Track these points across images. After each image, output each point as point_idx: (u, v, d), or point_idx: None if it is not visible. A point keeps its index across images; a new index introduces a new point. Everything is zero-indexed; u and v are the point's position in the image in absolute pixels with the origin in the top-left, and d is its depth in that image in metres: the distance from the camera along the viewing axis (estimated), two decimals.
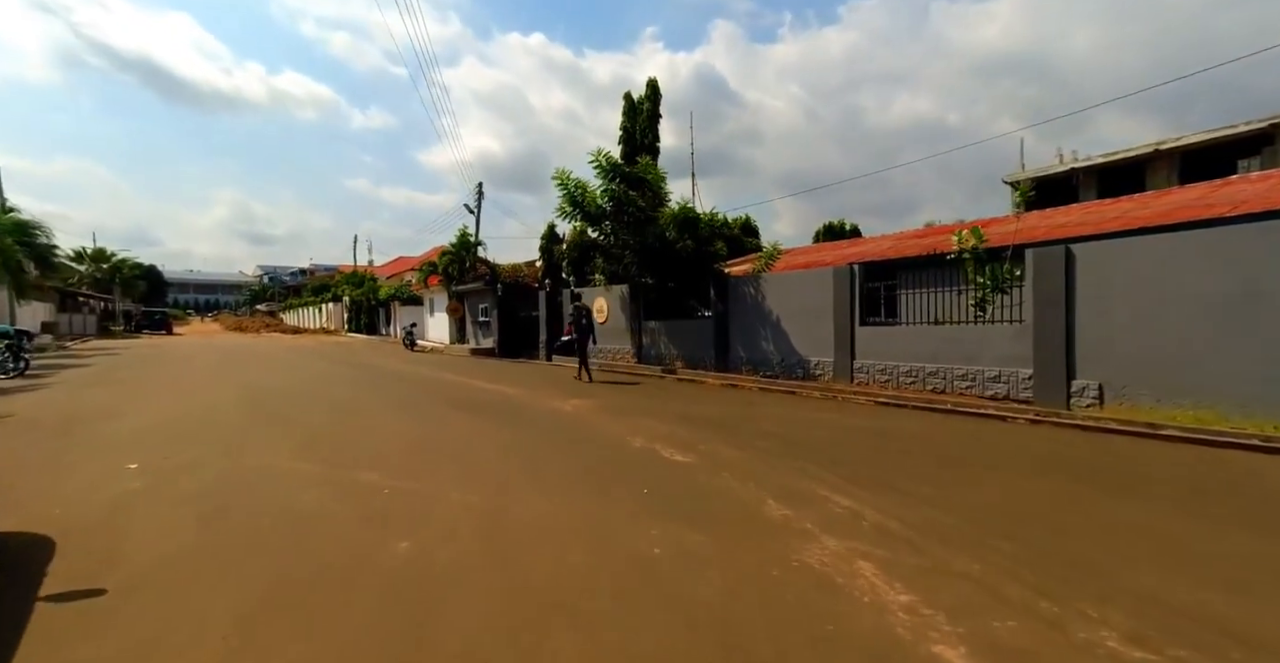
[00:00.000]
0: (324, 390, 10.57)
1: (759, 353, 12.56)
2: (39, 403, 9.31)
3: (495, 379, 12.66)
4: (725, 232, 14.95)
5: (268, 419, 7.48)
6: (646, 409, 8.32)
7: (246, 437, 6.33)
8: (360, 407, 8.60)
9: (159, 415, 7.84)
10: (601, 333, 17.19)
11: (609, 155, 13.60)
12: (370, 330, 38.61)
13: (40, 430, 6.96)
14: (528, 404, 8.90)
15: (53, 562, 2.99)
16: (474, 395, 9.99)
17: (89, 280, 46.05)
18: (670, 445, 5.74)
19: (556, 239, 26.72)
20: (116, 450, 5.74)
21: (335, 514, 3.74)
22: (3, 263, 19.88)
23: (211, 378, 12.70)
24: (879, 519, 3.52)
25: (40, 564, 2.97)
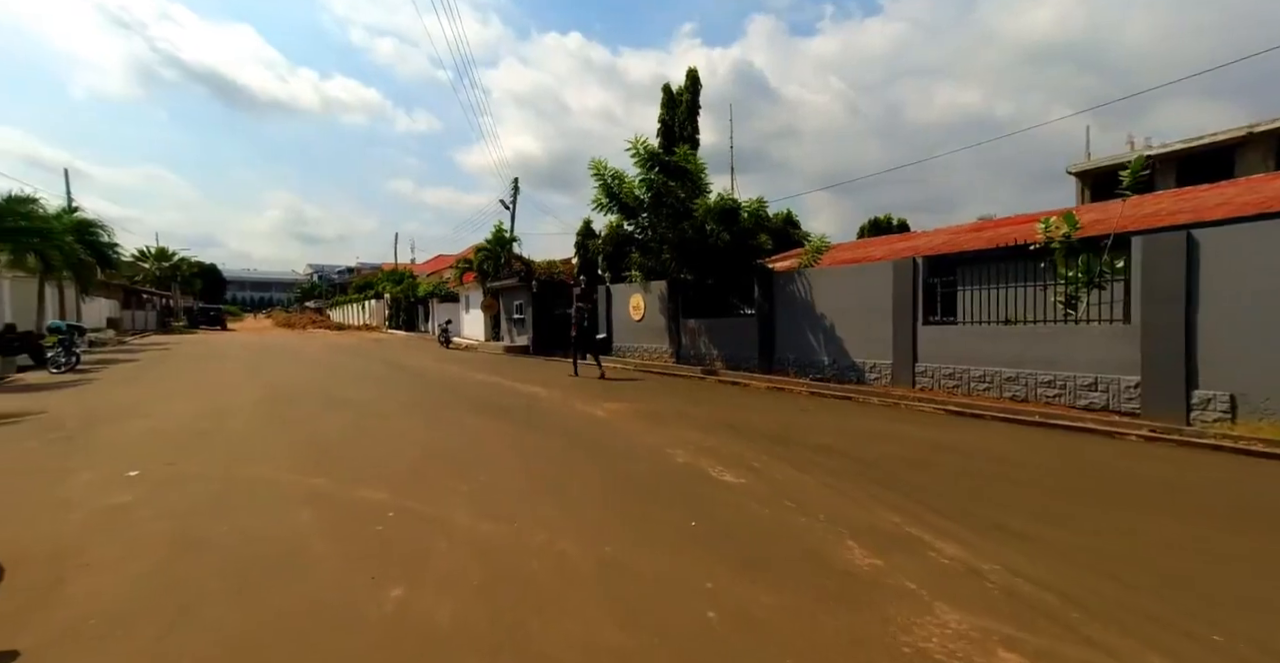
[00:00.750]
0: (348, 391, 10.24)
1: (807, 354, 11.62)
2: (72, 400, 9.27)
3: (526, 379, 12.14)
4: (769, 224, 14.01)
5: (282, 423, 7.08)
6: (688, 416, 7.57)
7: (256, 443, 5.92)
8: (381, 410, 8.16)
9: (178, 417, 7.57)
10: (638, 331, 16.53)
11: (647, 143, 12.88)
12: (409, 327, 39.09)
13: (60, 431, 6.74)
14: (558, 408, 8.29)
15: None
16: (502, 397, 9.46)
17: (151, 278, 48.41)
18: (718, 461, 4.99)
19: (592, 235, 26.23)
20: (123, 455, 5.39)
21: (324, 546, 3.15)
22: (64, 260, 20.68)
23: (243, 376, 12.62)
24: (1005, 579, 2.69)
25: None
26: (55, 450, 5.70)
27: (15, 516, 3.73)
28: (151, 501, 3.98)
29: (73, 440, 6.18)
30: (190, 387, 10.72)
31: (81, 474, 4.70)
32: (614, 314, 17.82)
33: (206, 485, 4.34)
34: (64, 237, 20.44)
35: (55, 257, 19.37)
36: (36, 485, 4.44)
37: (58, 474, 4.73)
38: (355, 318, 52.92)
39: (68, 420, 7.40)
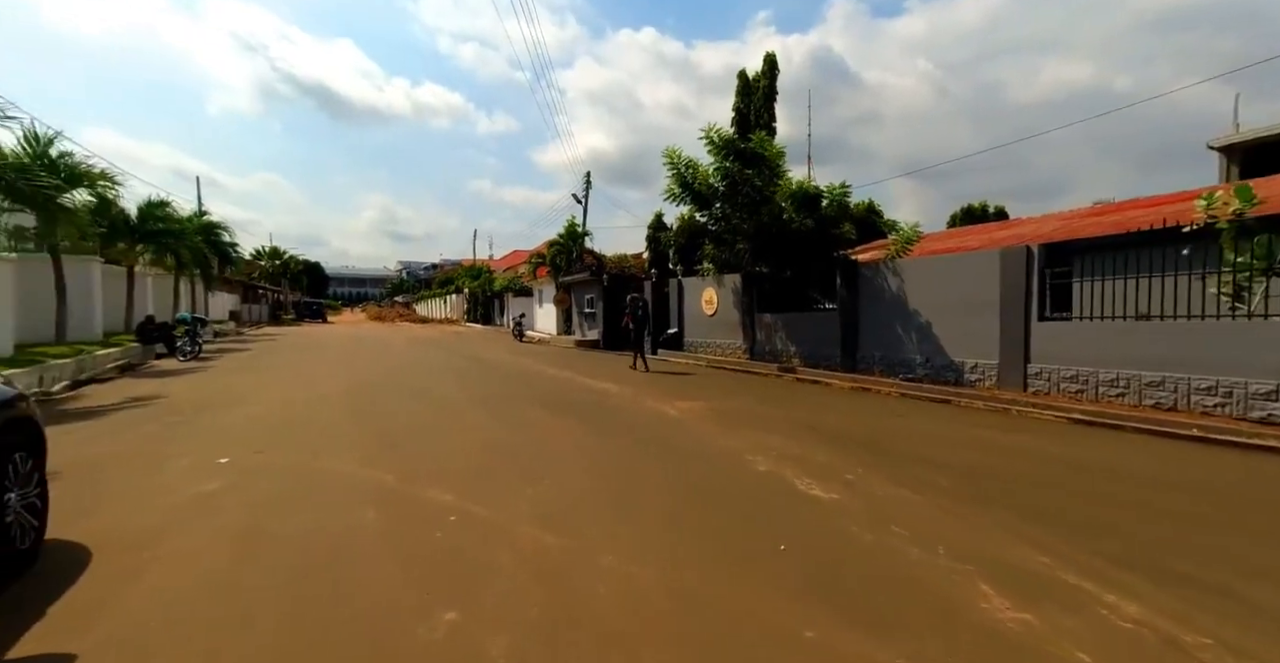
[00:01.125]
0: (425, 383, 10.49)
1: (897, 352, 10.64)
2: (190, 386, 10.11)
3: (596, 374, 11.99)
4: (852, 212, 12.97)
5: (361, 415, 7.25)
6: (767, 418, 7.03)
7: (335, 433, 6.04)
8: (455, 403, 8.22)
9: (273, 404, 7.98)
10: (710, 326, 16.00)
11: (721, 130, 12.27)
12: (486, 321, 40.59)
13: (176, 415, 7.27)
14: (629, 405, 8.00)
15: (63, 596, 2.49)
16: (572, 393, 9.31)
17: (265, 275, 53.50)
18: (804, 472, 4.46)
19: (663, 228, 25.88)
20: (221, 441, 5.66)
21: (383, 553, 2.99)
22: (193, 258, 23.07)
23: (334, 366, 13.36)
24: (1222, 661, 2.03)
25: (51, 595, 2.49)
26: (168, 435, 6.09)
27: (120, 498, 3.90)
28: (234, 490, 4.04)
29: (183, 425, 6.62)
30: (289, 376, 11.44)
31: (183, 459, 4.93)
32: (685, 308, 17.37)
33: (285, 477, 4.38)
34: (193, 237, 22.77)
35: (186, 254, 21.59)
36: (146, 468, 4.68)
37: (165, 458, 4.99)
38: (438, 312, 55.81)
39: (184, 406, 8.00)
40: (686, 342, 17.09)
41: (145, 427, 6.56)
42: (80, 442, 5.85)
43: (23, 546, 2.78)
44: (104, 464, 4.88)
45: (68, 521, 3.39)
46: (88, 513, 3.57)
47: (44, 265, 13.59)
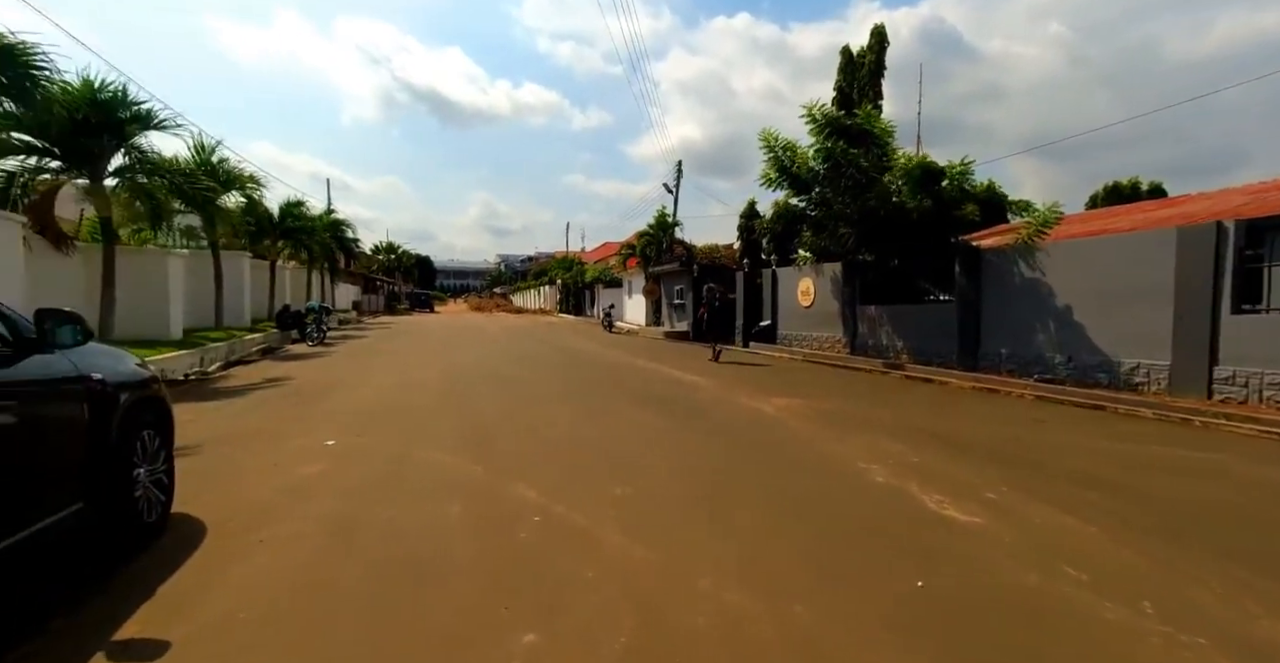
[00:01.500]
0: (518, 372, 10.67)
1: (1030, 348, 9.29)
2: (312, 370, 11.05)
3: (686, 367, 11.64)
4: (975, 192, 11.48)
5: (456, 402, 7.42)
6: (876, 420, 6.31)
7: (430, 420, 6.18)
8: (543, 394, 8.22)
9: (378, 389, 8.44)
10: (806, 319, 15.06)
11: (824, 107, 11.33)
12: (577, 311, 41.60)
13: (297, 396, 7.90)
14: (721, 402, 7.57)
15: (172, 576, 2.57)
16: (662, 387, 9.03)
17: (382, 268, 58.64)
18: (933, 486, 3.83)
19: (756, 216, 24.95)
20: (331, 423, 5.99)
21: (465, 553, 2.85)
22: (322, 252, 25.61)
23: (435, 354, 14.08)
24: None
25: (164, 574, 2.58)
26: (289, 414, 6.58)
27: (238, 476, 4.14)
28: (334, 474, 4.16)
29: (302, 406, 7.14)
30: (395, 362, 12.19)
31: (297, 440, 5.23)
32: (780, 300, 16.51)
33: (380, 463, 4.46)
34: (322, 233, 25.25)
35: (316, 249, 23.95)
36: (266, 447, 5.01)
37: (283, 438, 5.33)
38: (532, 302, 58.16)
39: (305, 388, 8.70)
40: (780, 335, 16.26)
41: (272, 406, 7.15)
42: (223, 418, 6.46)
43: (150, 519, 2.94)
44: (236, 440, 5.29)
45: (195, 494, 3.62)
46: (213, 489, 3.79)
47: (203, 260, 15.55)
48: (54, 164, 9.41)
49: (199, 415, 6.61)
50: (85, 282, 10.37)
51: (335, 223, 29.92)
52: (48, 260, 10.16)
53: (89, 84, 9.30)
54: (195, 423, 6.11)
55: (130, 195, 10.52)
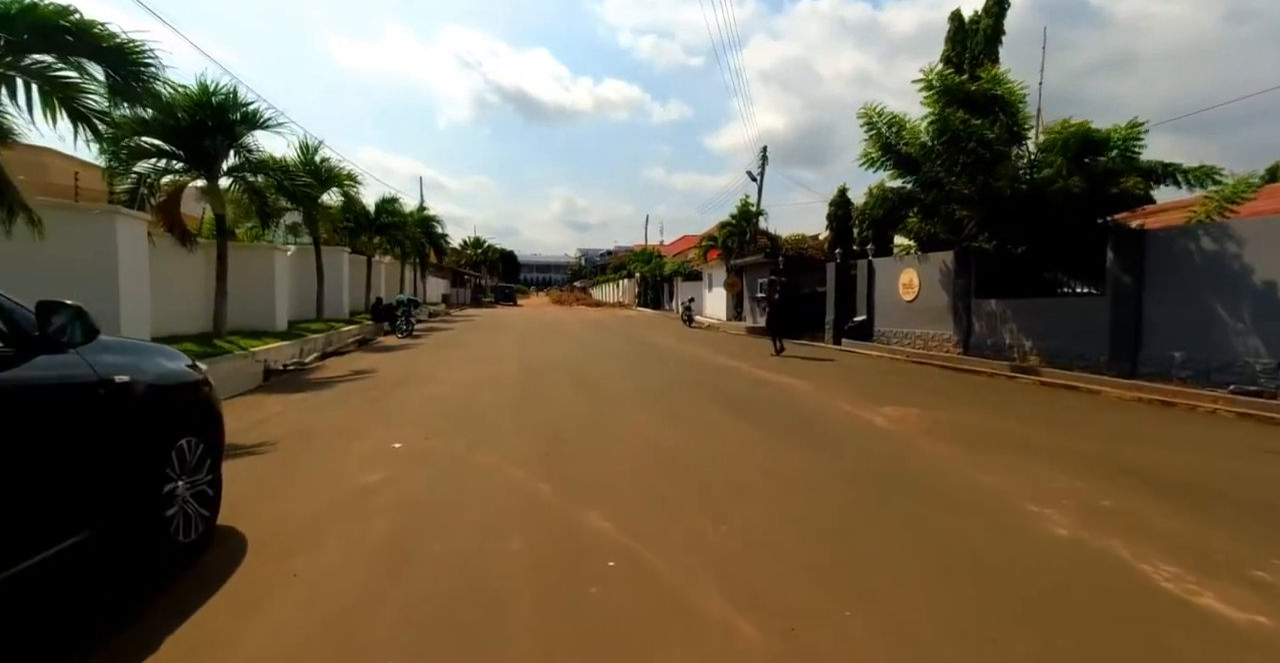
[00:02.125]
0: (593, 370, 10.22)
1: (1217, 352, 7.53)
2: (396, 362, 11.23)
3: (775, 367, 10.68)
4: (1138, 163, 9.46)
5: (527, 402, 7.02)
6: (1026, 440, 5.14)
7: (501, 421, 5.79)
8: (621, 395, 7.66)
9: (455, 385, 8.26)
10: (909, 314, 13.51)
11: (943, 71, 9.87)
12: (655, 305, 41.16)
13: (377, 390, 7.89)
14: (822, 409, 6.63)
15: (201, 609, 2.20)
16: (750, 388, 8.19)
17: (469, 262, 61.36)
18: (1153, 551, 2.77)
19: (847, 205, 23.23)
20: (401, 422, 5.76)
21: (523, 607, 2.28)
22: (413, 246, 26.84)
23: (513, 347, 14.00)
24: None
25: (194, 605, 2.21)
26: (365, 410, 6.48)
27: (299, 482, 3.88)
28: (393, 485, 3.79)
29: (379, 401, 7.06)
30: (474, 355, 12.19)
31: (366, 440, 5.00)
32: (876, 293, 14.99)
33: (441, 474, 4.06)
34: (413, 229, 26.43)
35: (408, 244, 25.08)
36: (333, 448, 4.80)
37: (353, 437, 5.12)
38: (611, 296, 58.49)
39: (385, 381, 8.73)
40: (877, 331, 14.77)
41: (352, 401, 7.11)
42: (306, 411, 6.46)
43: (187, 538, 2.63)
44: (311, 437, 5.15)
45: (251, 502, 3.35)
46: (270, 497, 3.53)
47: (307, 255, 16.52)
48: (177, 165, 10.08)
49: (286, 408, 6.66)
50: (205, 276, 11.12)
51: (426, 219, 31.28)
52: (174, 257, 10.99)
53: (204, 87, 9.85)
54: (280, 417, 6.11)
55: (242, 193, 11.17)
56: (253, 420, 5.91)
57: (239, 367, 9.44)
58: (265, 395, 7.79)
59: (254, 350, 10.07)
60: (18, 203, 6.33)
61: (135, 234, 8.22)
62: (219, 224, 10.73)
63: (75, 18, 6.04)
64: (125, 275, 7.86)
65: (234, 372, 9.25)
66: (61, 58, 6.35)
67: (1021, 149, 10.13)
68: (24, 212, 6.36)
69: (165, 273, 10.81)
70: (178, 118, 9.68)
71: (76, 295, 2.16)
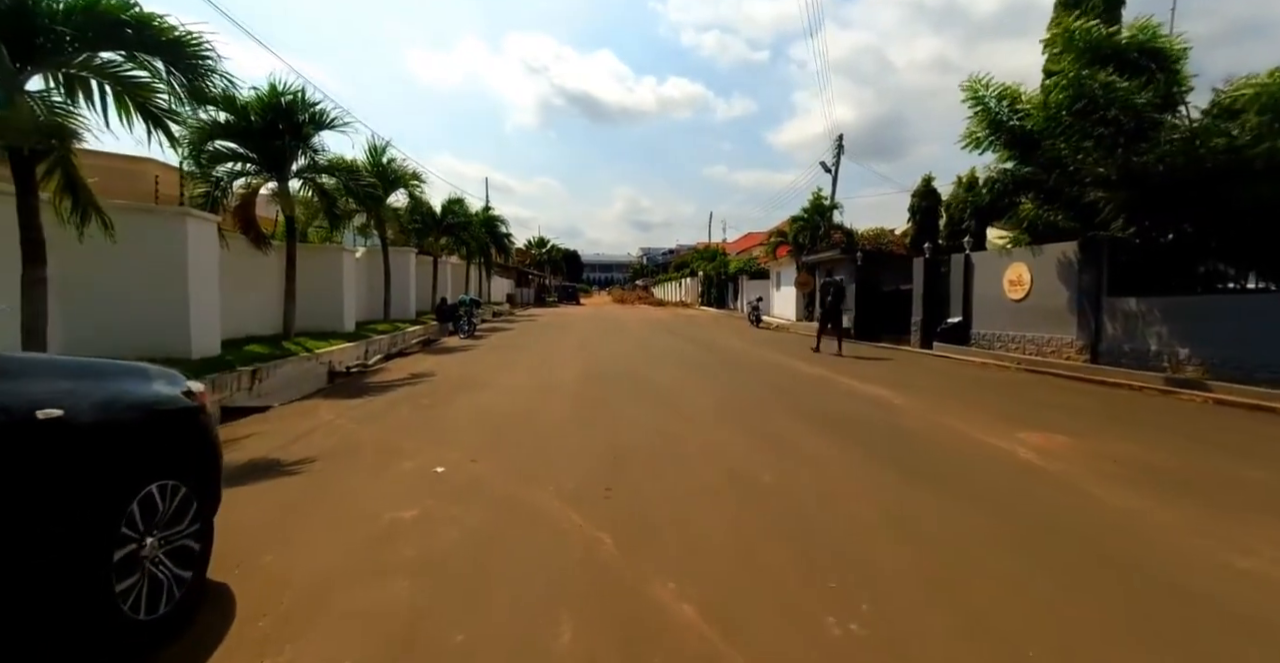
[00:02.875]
0: (659, 376, 9.40)
1: None
2: (455, 365, 10.89)
3: (865, 375, 9.45)
4: None
5: (589, 415, 6.29)
6: (1263, 489, 3.83)
7: (557, 441, 5.07)
8: (692, 408, 6.79)
9: (512, 392, 7.68)
10: (1017, 315, 11.78)
11: (1086, 23, 8.28)
12: (719, 304, 39.91)
13: (431, 398, 7.43)
14: (941, 434, 5.48)
15: None
16: (843, 402, 7.10)
17: (533, 262, 62.31)
18: None
19: (932, 196, 21.29)
20: (450, 438, 5.18)
21: None
22: (477, 246, 27.13)
23: (573, 350, 13.43)
24: None
25: None
26: (414, 422, 5.99)
27: (320, 522, 3.30)
28: (424, 528, 3.13)
29: (431, 410, 6.57)
30: (533, 359, 11.69)
31: (406, 462, 4.42)
32: (975, 292, 13.28)
33: (485, 514, 3.35)
34: (478, 229, 26.68)
35: (472, 244, 25.31)
36: (372, 471, 4.26)
37: (396, 456, 4.57)
38: (673, 295, 57.62)
39: (441, 387, 8.31)
40: (974, 334, 13.08)
41: (402, 410, 6.66)
42: (354, 421, 6.04)
43: (151, 615, 2.04)
44: (352, 455, 4.66)
45: (258, 552, 2.78)
46: (281, 545, 2.93)
47: (375, 256, 16.76)
48: (250, 167, 10.20)
49: (337, 416, 6.29)
50: (279, 278, 11.25)
51: (490, 218, 31.64)
52: (249, 259, 11.19)
53: (274, 88, 9.86)
54: (328, 427, 5.71)
55: (311, 194, 11.23)
56: (300, 431, 5.54)
57: (305, 369, 9.36)
58: (322, 400, 7.53)
59: (319, 352, 10.02)
60: (91, 205, 6.31)
61: (206, 236, 8.24)
62: (289, 226, 10.80)
63: (135, 11, 5.90)
64: (195, 277, 7.85)
65: (299, 374, 9.17)
66: (129, 56, 6.26)
67: (1178, 117, 8.38)
68: (97, 214, 6.35)
69: (240, 275, 11.02)
70: (250, 120, 9.76)
71: (145, 298, 1.55)
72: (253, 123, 9.81)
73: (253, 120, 9.80)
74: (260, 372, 8.10)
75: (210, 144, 9.81)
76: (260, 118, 9.82)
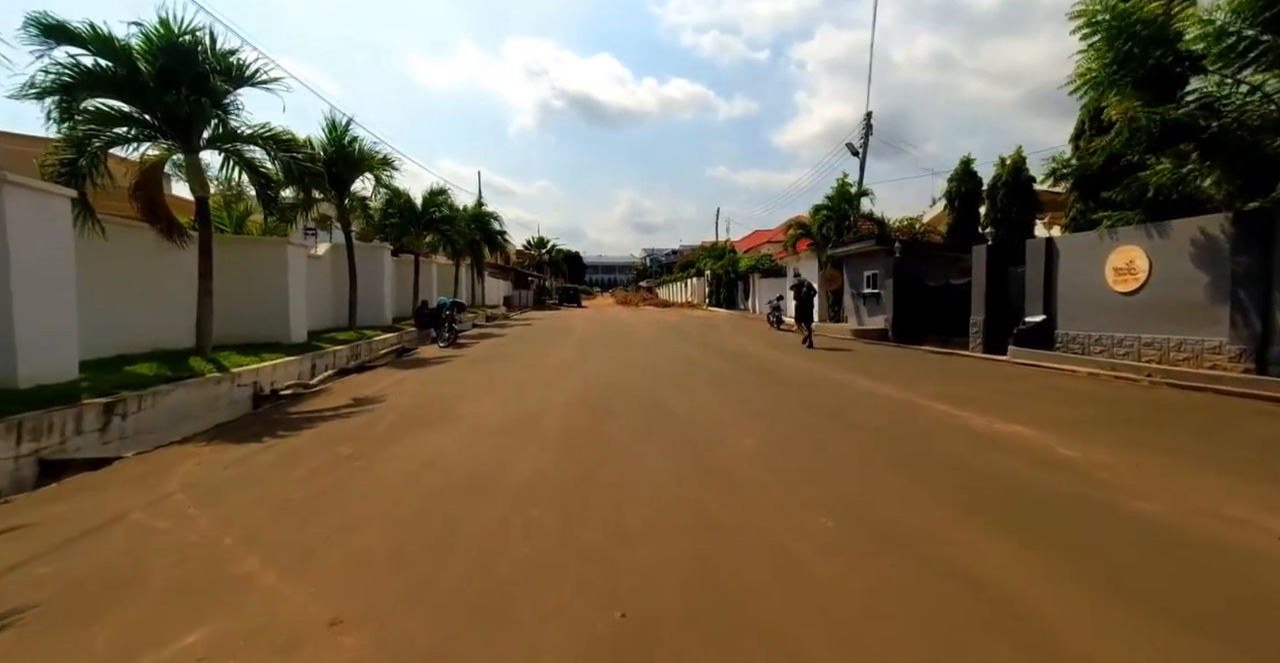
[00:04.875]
0: (678, 400, 7.00)
1: None
2: (417, 384, 8.50)
3: (961, 398, 6.98)
4: None
5: (583, 469, 3.96)
6: None
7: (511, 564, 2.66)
8: (732, 450, 4.42)
9: (468, 433, 5.29)
10: (1127, 311, 9.27)
11: None
12: (729, 304, 37.46)
13: (356, 442, 5.06)
14: (1095, 486, 3.11)
15: None
16: (935, 434, 4.71)
17: (533, 263, 59.96)
18: None
19: (971, 179, 18.98)
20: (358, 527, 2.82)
21: None
22: (467, 245, 24.74)
23: (568, 363, 11.00)
24: None
25: None
26: (319, 490, 3.63)
27: None
28: None
29: (341, 469, 4.19)
30: (520, 374, 9.28)
31: (258, 605, 2.03)
32: (1062, 284, 10.83)
33: None
34: (465, 224, 24.23)
35: (459, 241, 22.88)
36: None
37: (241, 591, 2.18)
38: (678, 295, 55.19)
39: (381, 421, 5.95)
40: (1061, 336, 10.63)
41: (302, 468, 4.29)
42: (202, 498, 3.63)
43: None
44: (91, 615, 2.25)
45: None
46: None
47: (341, 253, 14.40)
48: (140, 132, 7.81)
49: (186, 486, 3.90)
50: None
51: (482, 214, 29.26)
52: (160, 256, 8.85)
53: (167, 25, 7.49)
54: (135, 522, 3.29)
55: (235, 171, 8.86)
56: (75, 531, 3.14)
57: (210, 395, 6.97)
58: (203, 446, 5.21)
59: (238, 371, 7.65)
60: None
61: (40, 216, 5.77)
62: (199, 209, 8.44)
63: None
64: (21, 275, 5.48)
65: (201, 402, 6.77)
66: None
67: None
68: None
69: (143, 274, 8.69)
70: (136, 68, 7.40)
71: None
72: (142, 73, 7.45)
73: (142, 70, 7.45)
74: (124, 404, 5.72)
75: (89, 102, 7.47)
76: (150, 65, 7.47)
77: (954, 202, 18.82)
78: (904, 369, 9.75)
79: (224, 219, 11.07)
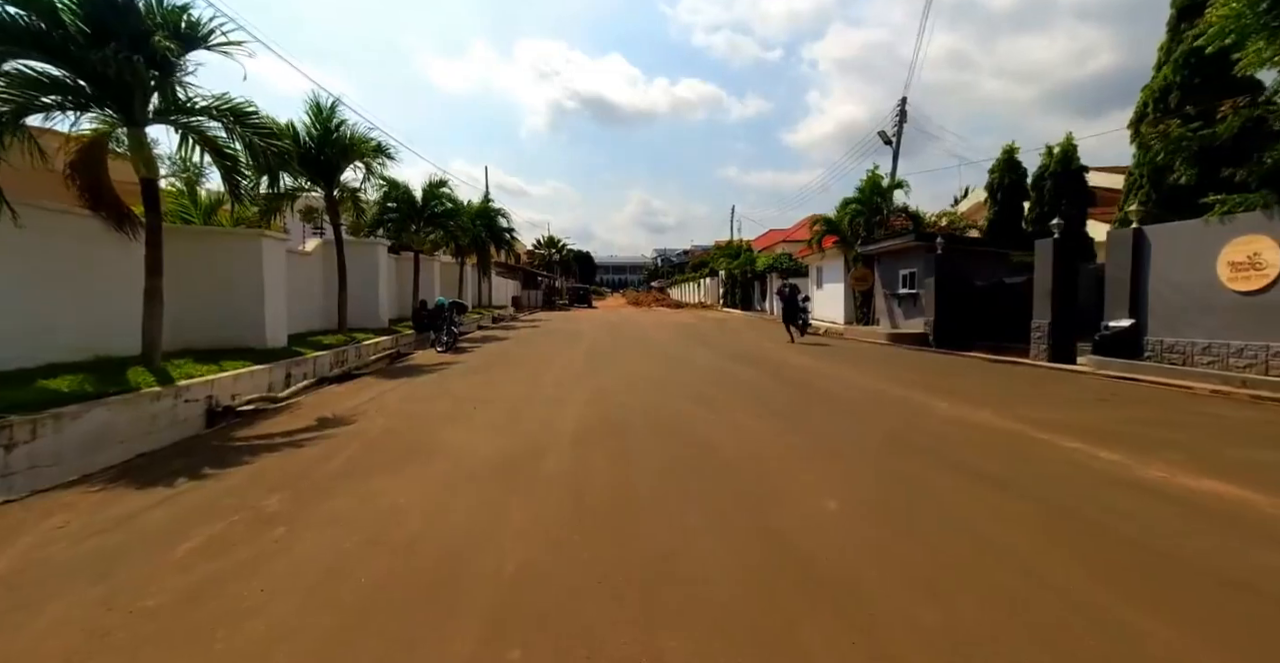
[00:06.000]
0: (708, 422, 5.59)
1: None
2: (396, 401, 7.15)
3: (1046, 420, 5.48)
4: None
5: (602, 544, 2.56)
6: None
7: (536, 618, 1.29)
8: (807, 505, 3.03)
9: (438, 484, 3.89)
10: (1241, 314, 7.59)
11: None
12: (745, 305, 35.92)
13: (288, 491, 3.72)
14: None
15: None
16: (1079, 490, 3.28)
17: (543, 263, 58.78)
18: None
19: (1015, 170, 17.55)
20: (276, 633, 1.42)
21: None
22: (472, 242, 23.45)
23: (578, 374, 9.61)
24: None
25: None
26: (192, 585, 2.28)
27: None
28: None
29: (267, 532, 2.84)
30: (520, 387, 7.90)
31: None
32: (1154, 283, 9.25)
33: None
34: (468, 219, 22.86)
35: (463, 238, 21.56)
36: None
37: None
38: (691, 296, 53.72)
39: (337, 455, 4.62)
40: (1152, 343, 9.06)
41: (209, 531, 2.93)
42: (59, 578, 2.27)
43: None
44: None
45: None
46: None
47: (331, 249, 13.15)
48: (68, 99, 6.54)
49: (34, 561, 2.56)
50: (170, 276, 7.57)
51: (488, 211, 27.97)
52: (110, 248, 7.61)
53: None
54: None
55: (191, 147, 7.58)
56: None
57: (147, 414, 5.63)
58: (86, 494, 3.88)
59: (186, 384, 6.35)
60: None
61: None
62: (146, 192, 7.15)
63: None
64: None
65: (133, 422, 5.42)
66: None
67: None
68: None
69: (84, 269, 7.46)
70: (59, 21, 6.15)
71: None
72: (65, 26, 6.18)
73: (65, 22, 6.18)
74: (10, 430, 4.41)
75: (10, 64, 6.22)
76: (75, 18, 6.19)
77: (996, 194, 17.27)
78: (973, 383, 8.25)
79: (189, 207, 9.82)
